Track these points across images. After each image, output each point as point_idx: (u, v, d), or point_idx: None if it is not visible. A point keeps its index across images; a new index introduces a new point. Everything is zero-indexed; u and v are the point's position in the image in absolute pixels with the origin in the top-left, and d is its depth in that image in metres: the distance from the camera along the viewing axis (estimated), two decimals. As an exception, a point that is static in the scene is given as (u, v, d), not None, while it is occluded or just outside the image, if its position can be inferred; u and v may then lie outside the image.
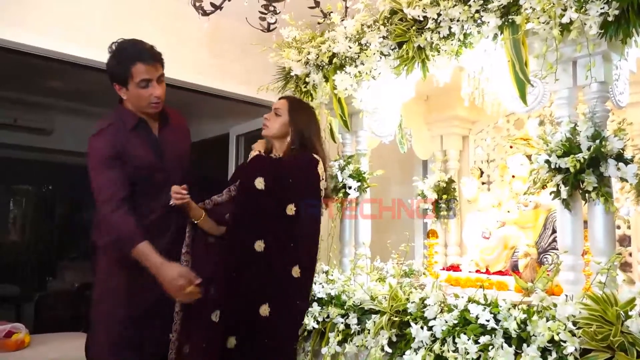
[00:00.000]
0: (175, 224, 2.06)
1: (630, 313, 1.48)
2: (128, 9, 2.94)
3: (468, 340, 1.72)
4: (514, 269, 2.55)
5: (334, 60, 2.44)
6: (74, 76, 3.96)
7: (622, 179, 1.65)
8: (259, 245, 1.89)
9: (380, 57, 2.27)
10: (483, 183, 3.09)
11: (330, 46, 2.44)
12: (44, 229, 6.27)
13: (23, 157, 5.82)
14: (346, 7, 2.54)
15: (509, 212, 2.71)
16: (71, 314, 4.88)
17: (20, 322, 2.86)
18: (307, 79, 2.57)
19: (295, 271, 1.93)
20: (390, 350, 1.96)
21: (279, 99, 2.26)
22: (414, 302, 1.99)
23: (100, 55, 2.86)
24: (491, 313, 1.74)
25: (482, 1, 1.88)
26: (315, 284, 2.30)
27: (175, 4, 3.02)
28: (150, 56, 1.95)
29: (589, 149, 1.65)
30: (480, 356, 1.69)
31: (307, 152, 2.07)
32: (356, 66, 2.37)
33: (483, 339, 1.69)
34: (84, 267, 5.49)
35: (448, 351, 1.74)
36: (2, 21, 2.56)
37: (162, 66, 2.00)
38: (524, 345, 1.60)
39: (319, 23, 2.60)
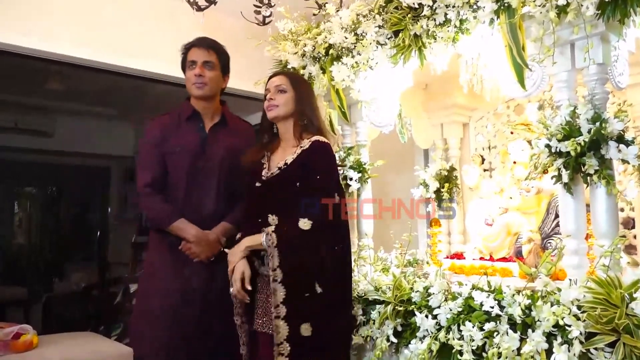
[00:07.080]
0: (214, 203, 2.21)
1: (634, 295, 1.47)
2: (120, 7, 2.93)
3: (473, 327, 1.72)
4: (518, 255, 2.54)
5: (331, 51, 2.42)
6: (74, 77, 3.95)
7: (624, 161, 1.64)
8: None
9: (377, 47, 2.26)
10: (485, 170, 3.08)
11: (326, 37, 2.42)
12: (50, 231, 6.29)
13: (26, 159, 5.82)
14: (341, -3, 2.53)
15: (511, 198, 2.69)
16: (79, 314, 4.92)
17: (28, 323, 2.86)
18: (303, 71, 2.56)
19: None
20: (395, 340, 1.97)
21: (272, 76, 2.11)
22: (418, 291, 1.99)
23: (99, 55, 2.89)
24: (495, 300, 1.74)
25: (477, -14, 1.86)
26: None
27: (169, 2, 3.01)
28: (203, 42, 2.19)
29: (589, 131, 1.64)
30: (485, 343, 1.69)
31: (318, 133, 1.99)
32: (353, 57, 2.36)
33: (488, 326, 1.69)
34: (90, 268, 5.53)
35: (453, 339, 1.75)
36: (1, 25, 2.56)
37: (215, 52, 2.20)
38: (529, 330, 1.61)
39: (314, 14, 2.59)
